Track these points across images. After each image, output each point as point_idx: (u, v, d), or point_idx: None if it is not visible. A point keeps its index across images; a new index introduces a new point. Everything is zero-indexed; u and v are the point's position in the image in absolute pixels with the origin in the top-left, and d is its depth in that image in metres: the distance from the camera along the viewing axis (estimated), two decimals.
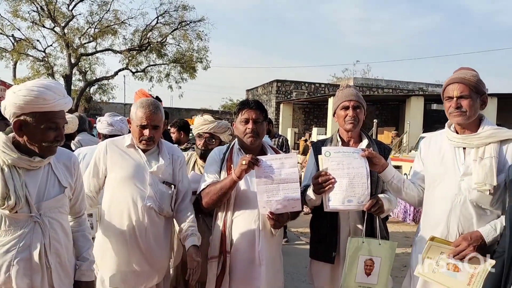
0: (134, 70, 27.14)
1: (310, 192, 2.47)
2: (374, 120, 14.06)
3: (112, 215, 2.51)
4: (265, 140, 2.72)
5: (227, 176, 2.44)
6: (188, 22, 26.01)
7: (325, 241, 2.58)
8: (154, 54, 26.88)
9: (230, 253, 2.48)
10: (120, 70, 26.98)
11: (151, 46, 26.06)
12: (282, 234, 2.78)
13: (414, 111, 18.45)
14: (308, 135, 18.53)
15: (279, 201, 2.31)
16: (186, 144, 5.11)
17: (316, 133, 19.92)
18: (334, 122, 2.75)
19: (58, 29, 24.53)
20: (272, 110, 25.89)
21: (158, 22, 25.85)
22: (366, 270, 2.38)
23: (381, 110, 25.11)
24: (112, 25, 25.09)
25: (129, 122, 2.62)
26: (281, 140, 6.77)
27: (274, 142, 6.56)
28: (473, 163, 2.20)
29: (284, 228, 2.97)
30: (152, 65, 27.48)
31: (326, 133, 19.47)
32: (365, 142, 2.66)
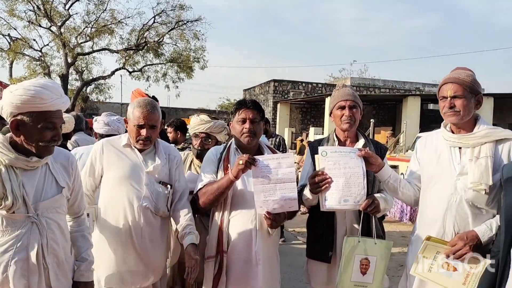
0: (131, 70, 27.02)
1: (306, 191, 2.48)
2: (371, 120, 14.08)
3: (108, 215, 2.51)
4: (262, 140, 2.73)
5: (224, 175, 2.45)
6: (185, 22, 25.91)
7: (321, 240, 2.59)
8: (151, 53, 26.75)
9: (227, 252, 2.48)
10: (117, 70, 26.88)
11: (148, 45, 25.95)
12: (279, 233, 2.78)
13: (410, 111, 18.48)
14: (305, 135, 18.50)
15: (276, 200, 2.31)
16: (183, 144, 5.11)
17: (313, 132, 19.92)
18: (331, 122, 2.75)
19: (54, 28, 24.40)
20: (269, 110, 25.87)
21: (155, 21, 25.72)
22: (362, 269, 2.39)
23: (378, 110, 25.15)
24: (109, 24, 24.96)
25: (126, 121, 2.61)
26: (278, 139, 6.78)
27: (271, 142, 6.57)
28: (468, 163, 2.21)
29: (281, 227, 2.97)
30: (149, 64, 27.37)
31: (323, 132, 19.47)
32: (361, 142, 2.66)
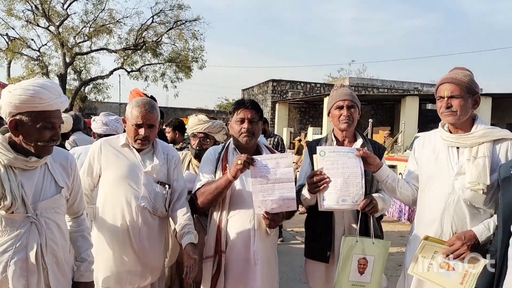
0: (129, 70, 27.04)
1: (305, 191, 2.48)
2: (369, 119, 14.10)
3: (106, 215, 2.51)
4: (260, 139, 2.73)
5: (223, 175, 2.45)
6: (183, 22, 25.95)
7: (320, 240, 2.59)
8: (149, 53, 26.78)
9: (225, 252, 2.48)
10: (115, 70, 26.90)
11: (146, 45, 25.97)
12: (278, 233, 2.78)
13: (409, 111, 18.48)
14: (303, 135, 18.52)
15: (275, 200, 2.32)
16: (181, 143, 5.12)
17: (311, 132, 19.91)
18: (330, 122, 2.76)
19: (52, 28, 24.39)
20: (267, 110, 25.85)
21: (154, 21, 25.77)
22: (360, 268, 2.39)
23: (376, 110, 25.15)
24: (107, 24, 24.97)
25: (124, 121, 2.61)
26: (276, 139, 6.79)
27: (270, 141, 6.59)
28: (466, 163, 2.22)
29: (279, 227, 2.98)
30: (147, 64, 27.39)
31: (322, 132, 19.45)
32: (359, 142, 2.67)
